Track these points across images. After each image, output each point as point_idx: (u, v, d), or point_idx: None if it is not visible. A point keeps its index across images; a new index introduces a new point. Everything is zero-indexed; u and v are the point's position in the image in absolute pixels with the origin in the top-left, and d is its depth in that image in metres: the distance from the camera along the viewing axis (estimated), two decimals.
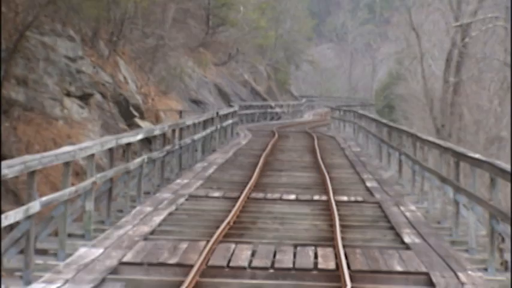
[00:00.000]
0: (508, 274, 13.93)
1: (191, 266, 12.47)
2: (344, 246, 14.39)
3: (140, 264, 12.83)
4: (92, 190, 15.32)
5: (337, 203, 19.79)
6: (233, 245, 14.34)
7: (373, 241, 15.75)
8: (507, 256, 14.42)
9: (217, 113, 36.34)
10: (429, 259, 13.70)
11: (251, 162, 29.34)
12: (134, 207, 18.57)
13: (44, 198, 12.74)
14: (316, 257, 13.77)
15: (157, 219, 16.81)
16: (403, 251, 14.46)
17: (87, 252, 13.27)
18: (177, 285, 11.48)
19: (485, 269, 13.89)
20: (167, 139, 24.55)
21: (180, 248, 13.93)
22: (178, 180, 23.32)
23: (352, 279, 12.08)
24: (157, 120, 34.47)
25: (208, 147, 33.12)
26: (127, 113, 31.32)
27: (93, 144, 15.41)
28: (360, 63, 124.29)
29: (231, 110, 44.32)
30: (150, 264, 12.82)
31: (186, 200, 19.97)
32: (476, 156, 15.37)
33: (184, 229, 16.27)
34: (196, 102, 51.80)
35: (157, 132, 21.95)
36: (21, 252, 13.81)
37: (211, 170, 26.37)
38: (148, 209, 18.01)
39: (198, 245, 14.15)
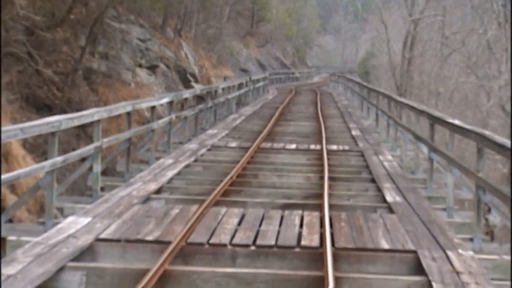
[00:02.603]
0: (495, 245, 8.05)
1: (169, 243, 6.77)
2: (330, 207, 8.63)
3: (118, 241, 7.04)
4: (98, 153, 9.40)
5: (328, 151, 13.97)
6: (224, 210, 8.48)
7: (357, 197, 9.90)
8: (492, 227, 8.57)
9: (250, 78, 30.56)
10: (414, 228, 7.79)
11: (271, 113, 23.46)
12: (161, 158, 12.84)
13: (6, 176, 6.93)
14: (301, 225, 7.93)
15: (171, 173, 10.92)
16: (386, 215, 8.52)
17: (70, 223, 7.42)
18: (142, 275, 5.84)
19: (471, 239, 7.98)
20: (204, 98, 18.83)
21: (170, 215, 8.08)
22: (209, 131, 17.43)
23: (336, 260, 6.47)
24: (208, 83, 28.62)
25: (243, 102, 27.29)
26: (185, 79, 25.63)
27: (94, 111, 9.35)
28: (348, 46, 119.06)
29: (262, 75, 38.50)
30: (128, 241, 7.02)
31: (208, 150, 14.07)
32: (457, 123, 9.27)
33: (189, 186, 10.38)
34: (243, 70, 46.28)
35: (187, 95, 16.13)
36: (10, 221, 8.26)
37: (238, 121, 20.46)
38: (170, 161, 12.12)
39: (189, 211, 8.29)
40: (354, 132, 18.13)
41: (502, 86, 26.95)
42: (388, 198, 9.53)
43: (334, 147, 15.04)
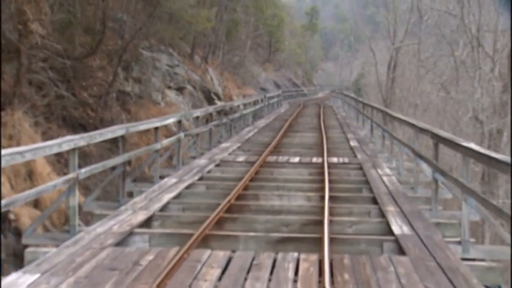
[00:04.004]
0: None
1: None
2: (331, 242, 5.50)
3: None
4: (74, 185, 6.28)
5: (329, 165, 10.76)
6: (207, 254, 5.33)
7: (360, 224, 6.67)
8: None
9: (265, 96, 27.31)
10: (434, 283, 4.59)
11: (281, 125, 20.26)
12: (167, 175, 9.70)
13: None
14: (296, 273, 4.79)
15: (168, 197, 7.74)
16: (397, 258, 5.28)
17: (8, 286, 4.44)
18: None
19: None
20: (225, 113, 15.73)
21: (140, 266, 4.95)
22: (223, 144, 14.27)
23: None
24: (230, 100, 25.35)
25: (258, 115, 24.10)
26: (209, 97, 22.45)
27: (65, 140, 6.04)
28: (344, 70, 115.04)
29: (276, 93, 35.18)
30: None
31: (216, 165, 10.86)
32: (474, 147, 5.96)
33: (182, 213, 7.19)
34: (263, 89, 42.79)
35: (197, 114, 12.94)
36: None
37: (251, 133, 17.23)
38: (173, 180, 8.95)
39: (165, 258, 5.14)
40: (352, 143, 14.87)
41: (476, 99, 23.50)
42: (395, 228, 6.31)
43: (335, 159, 11.82)
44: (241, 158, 11.81)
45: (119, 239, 5.74)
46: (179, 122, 10.77)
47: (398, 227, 6.36)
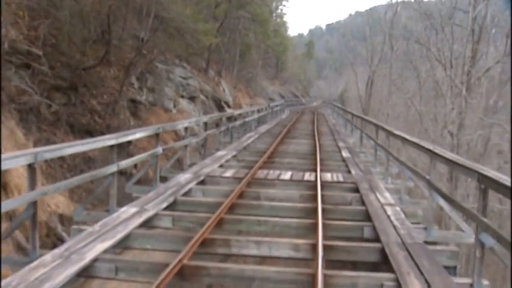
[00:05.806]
0: None
1: None
2: None
3: None
4: None
5: (322, 185, 6.79)
6: None
7: None
8: None
9: (268, 104, 23.26)
10: None
11: (280, 131, 16.26)
12: (137, 198, 5.85)
13: None
14: None
15: (100, 248, 3.85)
16: None
17: None
18: None
19: None
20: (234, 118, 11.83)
21: None
22: (219, 152, 10.23)
23: None
24: (240, 108, 21.35)
25: (262, 121, 20.06)
26: (219, 106, 18.54)
27: None
28: (332, 86, 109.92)
29: (280, 102, 31.05)
30: None
31: (197, 183, 6.89)
32: None
33: (106, 284, 3.45)
34: (271, 99, 38.60)
35: (186, 125, 8.94)
36: None
37: (251, 140, 13.18)
38: (131, 211, 5.09)
39: None
40: (343, 154, 10.81)
41: (447, 113, 19.34)
42: None
43: (328, 176, 7.81)
44: (229, 173, 7.84)
45: None
46: (157, 135, 6.83)
47: None
